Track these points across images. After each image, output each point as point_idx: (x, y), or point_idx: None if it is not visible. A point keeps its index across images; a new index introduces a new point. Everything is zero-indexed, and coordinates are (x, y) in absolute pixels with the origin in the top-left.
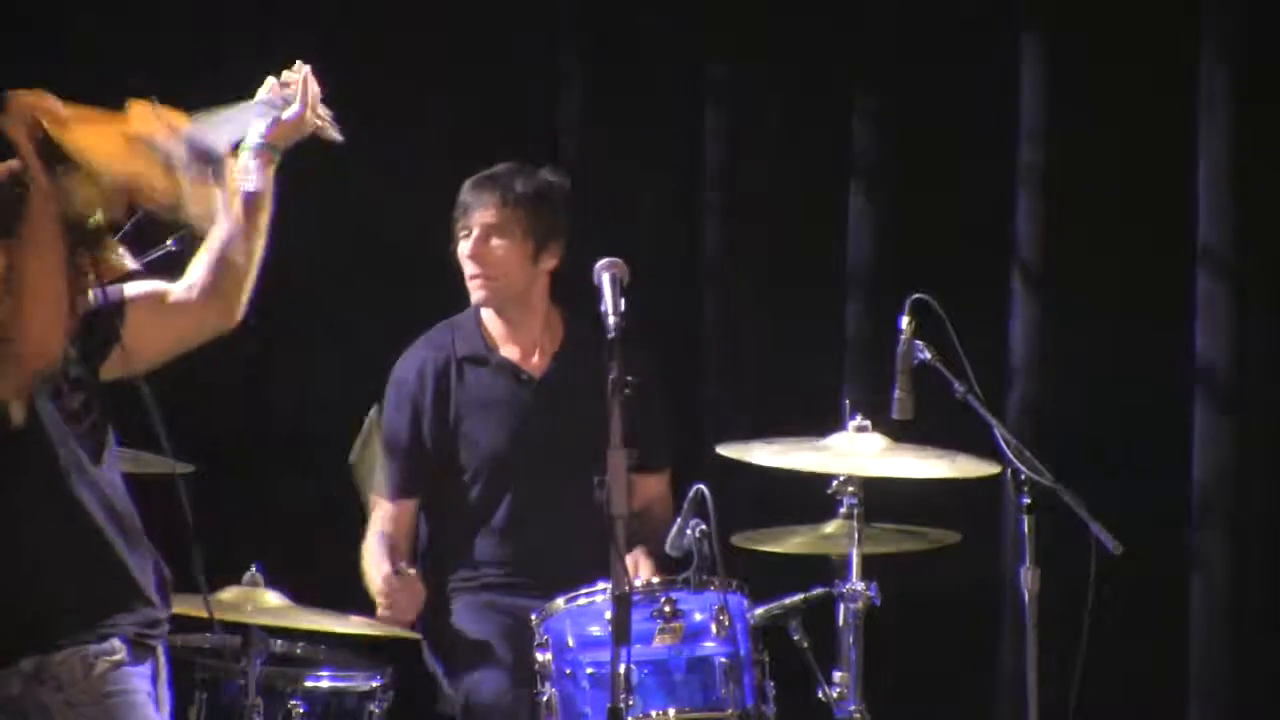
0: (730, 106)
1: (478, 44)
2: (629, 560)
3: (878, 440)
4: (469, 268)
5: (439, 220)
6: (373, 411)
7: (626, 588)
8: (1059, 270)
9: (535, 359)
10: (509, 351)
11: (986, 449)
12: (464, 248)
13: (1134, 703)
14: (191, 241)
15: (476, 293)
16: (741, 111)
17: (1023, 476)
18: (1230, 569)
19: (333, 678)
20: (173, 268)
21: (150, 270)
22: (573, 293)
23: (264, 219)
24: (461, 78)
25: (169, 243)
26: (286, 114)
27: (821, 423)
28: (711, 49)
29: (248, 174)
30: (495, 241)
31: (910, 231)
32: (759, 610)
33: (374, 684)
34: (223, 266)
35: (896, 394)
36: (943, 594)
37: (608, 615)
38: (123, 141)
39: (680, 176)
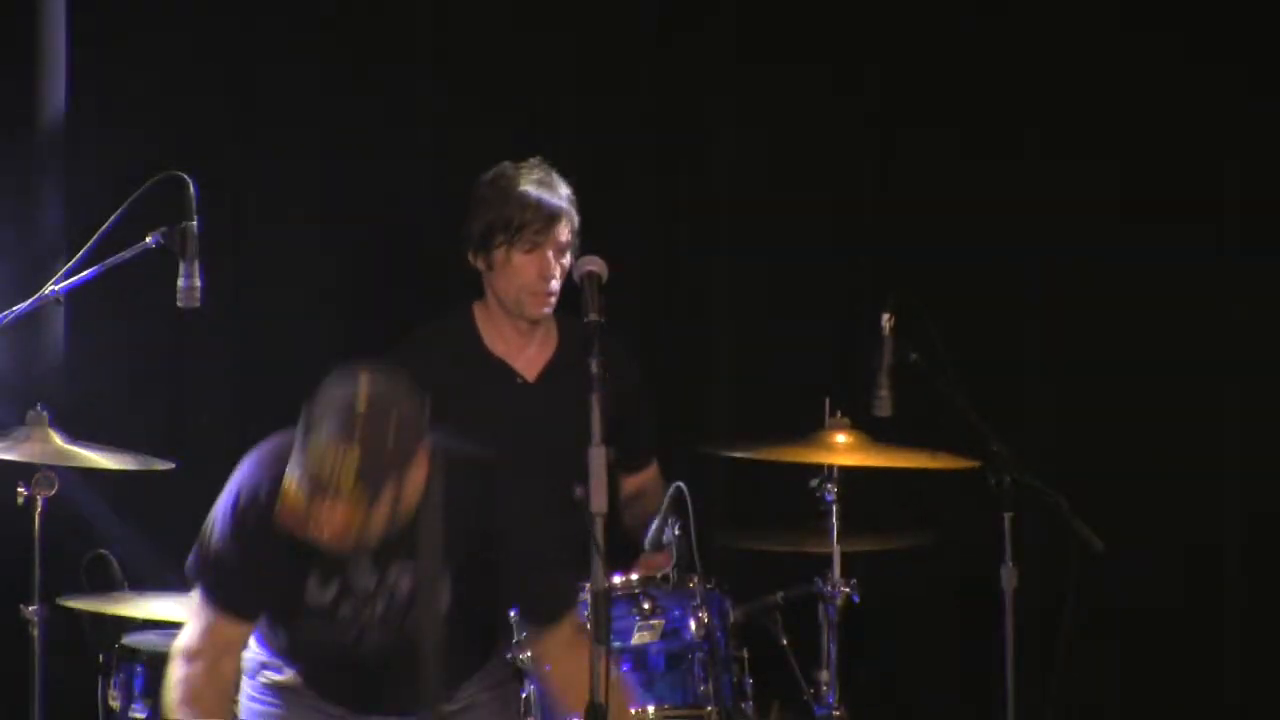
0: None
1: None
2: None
3: (857, 436)
4: (540, 285)
5: (431, 220)
6: None
7: (606, 585)
8: None
9: (531, 362)
10: (506, 355)
11: (966, 446)
12: (531, 263)
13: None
14: (171, 240)
15: (540, 308)
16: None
17: (1005, 475)
18: None
19: None
20: (149, 264)
21: (129, 266)
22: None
23: None
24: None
25: (148, 239)
26: None
27: (803, 422)
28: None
29: None
30: (564, 258)
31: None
32: (739, 608)
33: None
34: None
35: (877, 391)
36: (923, 592)
37: (587, 613)
38: None
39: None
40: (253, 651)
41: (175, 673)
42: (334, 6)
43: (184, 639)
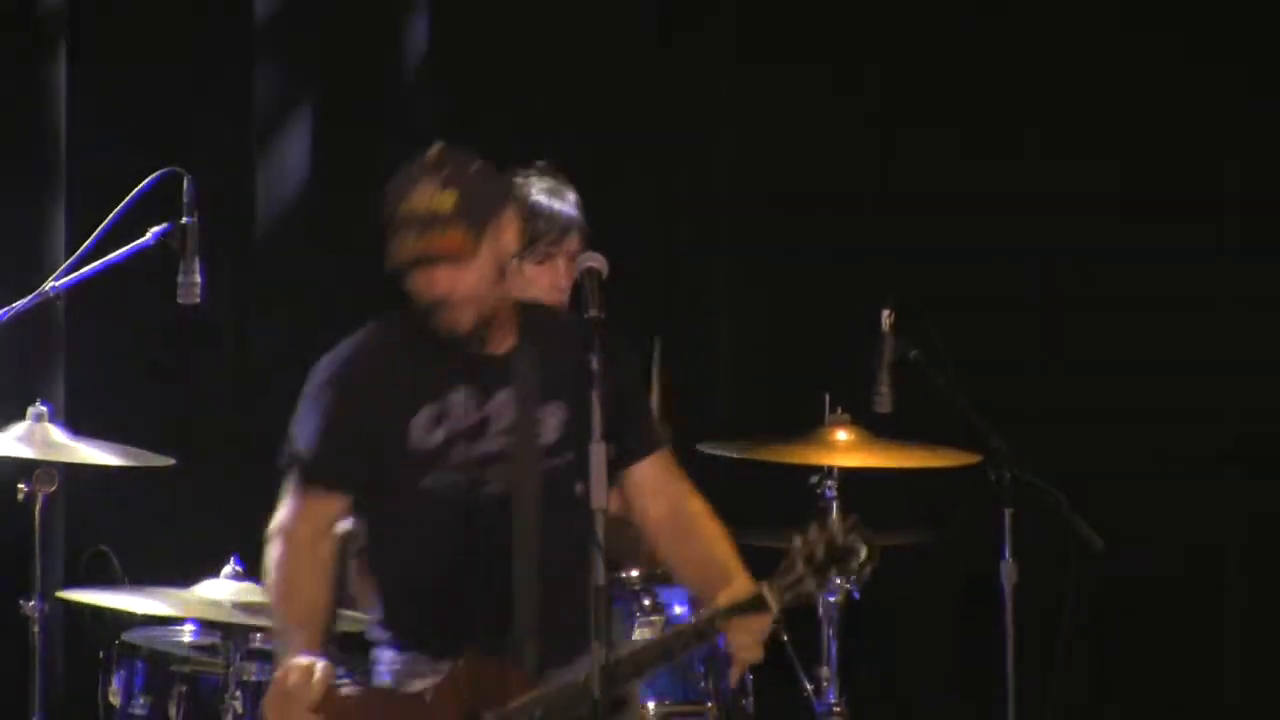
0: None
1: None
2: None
3: (858, 433)
4: (552, 295)
5: None
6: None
7: (605, 582)
8: None
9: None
10: None
11: (966, 443)
12: (544, 273)
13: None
14: (171, 237)
15: None
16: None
17: (1005, 472)
18: None
19: None
20: (149, 261)
21: (128, 263)
22: None
23: None
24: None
25: (148, 236)
26: None
27: (804, 419)
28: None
29: None
30: (574, 266)
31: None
32: None
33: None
34: None
35: (877, 388)
36: (923, 589)
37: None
38: None
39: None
40: (386, 664)
41: (272, 554)
42: (335, 7)
43: (279, 521)
